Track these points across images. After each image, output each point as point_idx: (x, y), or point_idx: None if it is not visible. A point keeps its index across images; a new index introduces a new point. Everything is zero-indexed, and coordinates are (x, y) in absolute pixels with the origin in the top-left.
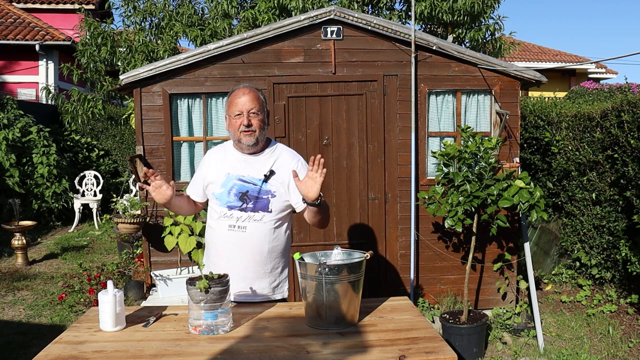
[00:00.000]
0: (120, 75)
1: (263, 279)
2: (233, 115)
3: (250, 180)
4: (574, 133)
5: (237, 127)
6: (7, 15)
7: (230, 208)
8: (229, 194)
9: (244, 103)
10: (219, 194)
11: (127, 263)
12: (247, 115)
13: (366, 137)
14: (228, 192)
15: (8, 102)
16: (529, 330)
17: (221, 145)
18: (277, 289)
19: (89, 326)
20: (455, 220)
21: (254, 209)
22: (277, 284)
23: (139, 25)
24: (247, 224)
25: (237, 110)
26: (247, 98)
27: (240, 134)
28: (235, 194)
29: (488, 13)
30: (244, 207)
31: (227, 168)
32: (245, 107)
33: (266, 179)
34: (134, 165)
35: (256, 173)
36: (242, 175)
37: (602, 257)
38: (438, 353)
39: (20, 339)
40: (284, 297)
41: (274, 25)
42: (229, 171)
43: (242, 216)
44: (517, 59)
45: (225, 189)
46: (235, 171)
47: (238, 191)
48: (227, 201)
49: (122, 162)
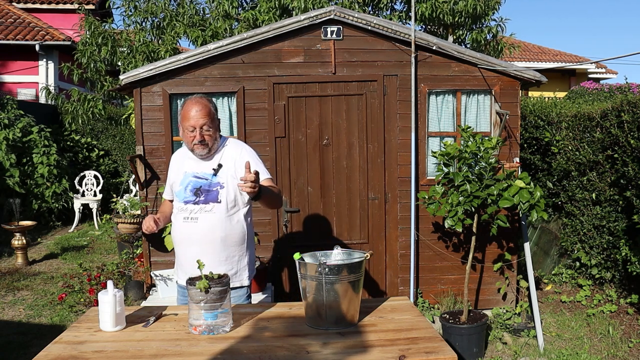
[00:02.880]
0: (120, 75)
1: (218, 267)
2: (187, 129)
3: (203, 176)
4: (574, 133)
5: (191, 141)
6: (7, 15)
7: (186, 202)
8: (186, 190)
9: (196, 119)
10: (178, 191)
11: (127, 263)
12: (200, 132)
13: (366, 137)
14: (185, 188)
15: (8, 102)
16: (529, 330)
17: (181, 149)
18: (235, 277)
19: (89, 326)
20: (455, 220)
21: (205, 201)
22: (235, 271)
23: (140, 25)
24: (199, 215)
25: (190, 125)
26: (199, 114)
27: (194, 147)
28: (190, 190)
29: (490, 15)
30: (197, 201)
31: (185, 167)
32: (198, 123)
33: (215, 172)
34: (134, 165)
35: (208, 168)
36: (197, 172)
37: (602, 257)
38: (438, 353)
39: (20, 339)
40: (243, 284)
41: (274, 25)
42: (186, 170)
43: (195, 209)
44: (517, 59)
45: (183, 186)
46: (191, 169)
47: (193, 187)
48: (183, 197)
49: (122, 162)
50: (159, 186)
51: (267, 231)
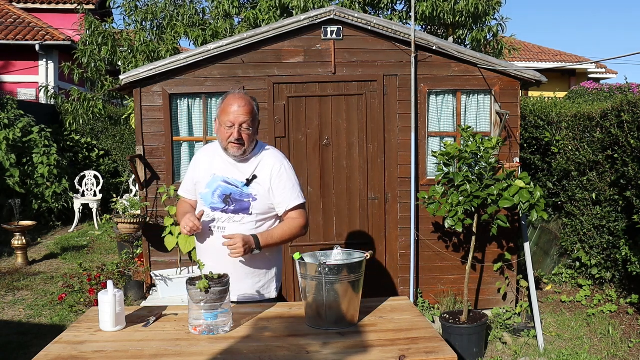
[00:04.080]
0: (120, 75)
1: (245, 279)
2: (225, 125)
3: (234, 183)
4: (574, 133)
5: (227, 137)
6: (7, 15)
7: (213, 209)
8: (213, 195)
9: (237, 115)
10: (204, 194)
11: (127, 263)
12: (239, 129)
13: (366, 137)
14: (212, 193)
15: (8, 102)
16: (529, 330)
17: (211, 145)
18: (263, 290)
19: (89, 326)
20: (455, 220)
21: (234, 211)
22: (262, 284)
23: (140, 24)
24: (227, 224)
25: (229, 121)
26: (241, 110)
27: (228, 144)
28: (219, 196)
29: (491, 14)
30: (225, 209)
31: (214, 169)
32: (238, 120)
33: (248, 183)
34: (134, 165)
35: (241, 176)
36: (227, 177)
37: (602, 257)
38: (438, 353)
39: (20, 339)
40: (271, 297)
41: (274, 25)
42: (215, 172)
43: (223, 217)
44: (517, 59)
45: (210, 190)
46: (221, 172)
47: (222, 193)
48: (210, 202)
49: (122, 162)
50: (158, 186)
51: None
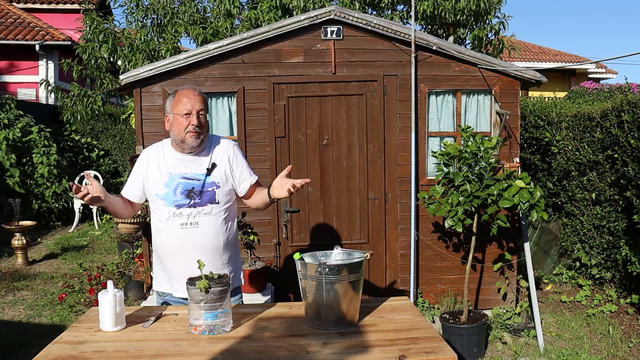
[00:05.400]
0: (120, 75)
1: (222, 270)
2: (181, 113)
3: (194, 177)
4: (574, 133)
5: (185, 127)
6: (7, 15)
7: (179, 207)
8: (175, 193)
9: (194, 103)
10: (164, 194)
11: (127, 263)
12: (197, 115)
13: (366, 137)
14: (173, 191)
15: (8, 102)
16: (529, 330)
17: (155, 145)
18: (234, 278)
19: (89, 326)
20: (455, 220)
21: (202, 202)
22: (235, 272)
23: (141, 22)
24: (199, 219)
25: (186, 109)
26: (196, 99)
27: (186, 134)
28: (181, 192)
29: (493, 13)
30: (192, 204)
31: (168, 168)
32: (195, 107)
33: (209, 172)
34: (133, 165)
35: (199, 168)
36: (185, 173)
37: (602, 257)
38: (438, 353)
39: (20, 339)
40: (241, 284)
41: (274, 25)
42: (171, 171)
43: (192, 212)
44: (517, 59)
45: (170, 189)
46: (177, 170)
47: (184, 189)
48: (174, 200)
49: (122, 162)
50: None
51: (267, 231)
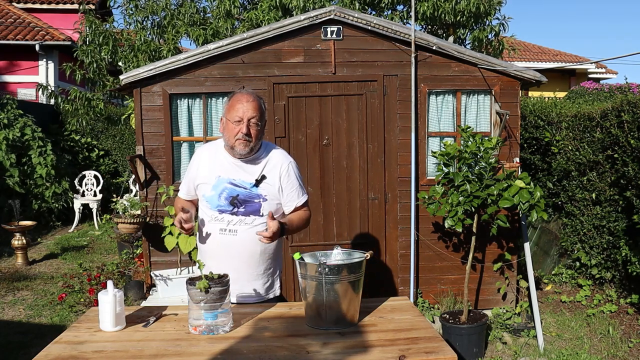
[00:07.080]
0: (120, 75)
1: (256, 280)
2: (233, 120)
3: (241, 184)
4: (574, 133)
5: (235, 134)
6: (7, 15)
7: (221, 212)
8: (220, 198)
9: (246, 110)
10: (210, 196)
11: (127, 263)
12: (247, 124)
13: (366, 137)
14: (219, 195)
15: (8, 102)
16: (529, 330)
17: (212, 144)
18: (270, 289)
19: (89, 326)
20: (455, 220)
21: (245, 212)
22: (270, 284)
23: (140, 23)
24: (238, 227)
25: (237, 116)
26: (249, 106)
27: (235, 141)
28: (225, 198)
29: (493, 14)
30: (234, 211)
31: (218, 170)
32: (247, 114)
33: (257, 184)
34: (134, 165)
35: (247, 177)
36: (233, 179)
37: (602, 257)
38: (438, 353)
39: (20, 339)
40: (276, 295)
41: (274, 25)
42: (220, 174)
43: (233, 220)
44: (517, 59)
45: (216, 192)
46: (226, 174)
47: (229, 195)
48: (217, 205)
49: (122, 162)
50: (158, 186)
51: None
